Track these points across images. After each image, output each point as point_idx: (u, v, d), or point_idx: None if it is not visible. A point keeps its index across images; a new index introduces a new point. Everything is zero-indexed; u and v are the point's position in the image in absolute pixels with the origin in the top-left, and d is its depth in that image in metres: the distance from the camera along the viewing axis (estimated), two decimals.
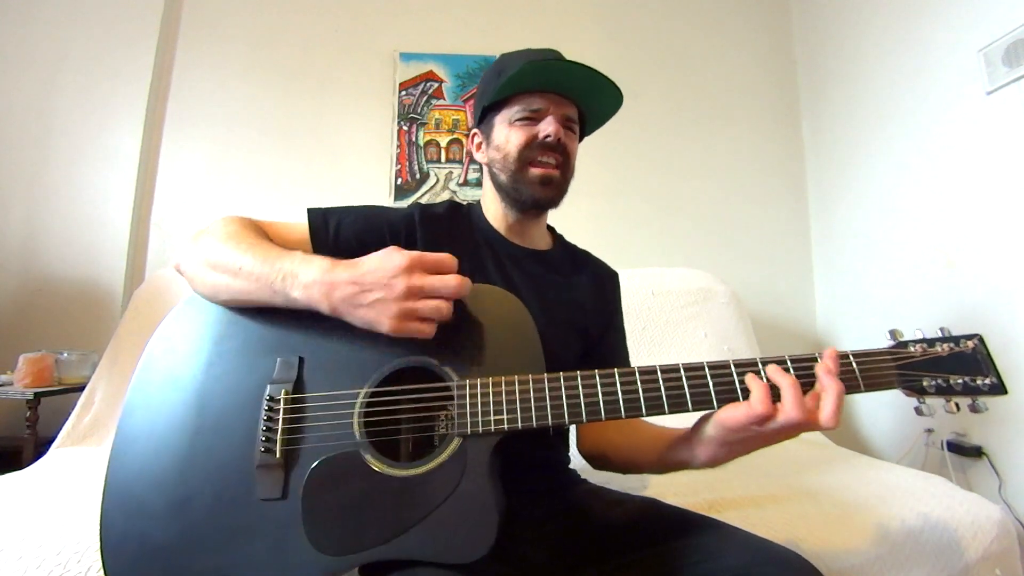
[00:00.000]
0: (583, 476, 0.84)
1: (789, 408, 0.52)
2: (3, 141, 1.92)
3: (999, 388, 0.55)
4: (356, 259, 0.59)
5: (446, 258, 0.59)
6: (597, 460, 0.80)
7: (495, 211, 0.84)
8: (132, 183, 1.94)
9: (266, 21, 2.11)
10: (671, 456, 0.67)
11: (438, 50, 2.14)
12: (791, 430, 0.54)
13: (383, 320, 0.56)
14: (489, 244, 0.82)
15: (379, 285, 0.56)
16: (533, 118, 0.77)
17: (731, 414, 0.55)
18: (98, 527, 0.57)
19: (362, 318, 0.58)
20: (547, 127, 0.75)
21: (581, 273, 0.87)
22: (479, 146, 0.85)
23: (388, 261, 0.57)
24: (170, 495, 0.57)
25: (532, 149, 0.76)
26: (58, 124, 1.94)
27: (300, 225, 0.76)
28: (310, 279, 0.59)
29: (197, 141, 2.03)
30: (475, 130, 0.86)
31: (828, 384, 0.53)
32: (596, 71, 0.74)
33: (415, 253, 0.58)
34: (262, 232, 0.71)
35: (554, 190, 0.78)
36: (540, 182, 0.77)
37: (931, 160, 1.62)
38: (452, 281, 0.57)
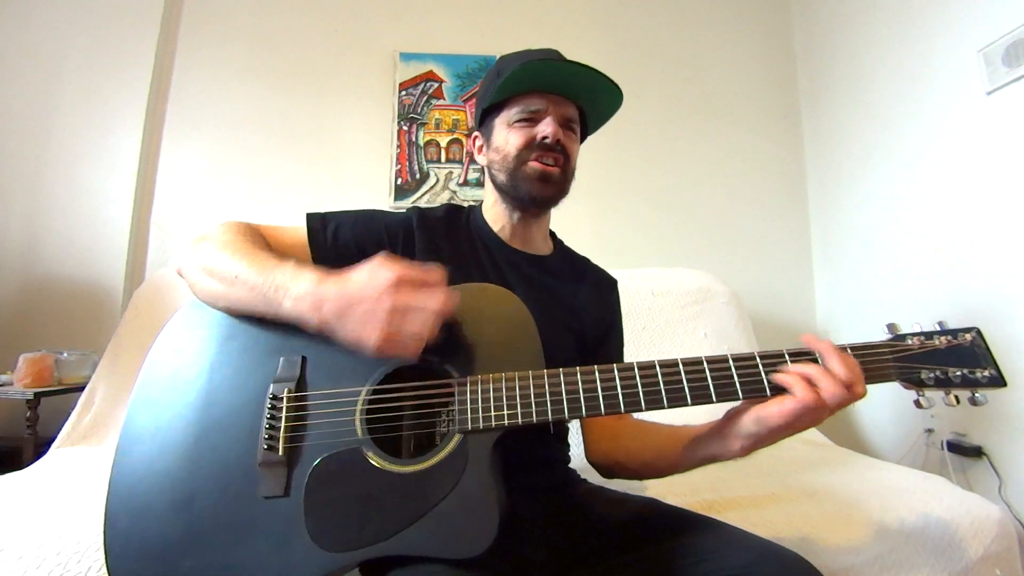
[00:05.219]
0: (582, 476, 0.83)
1: (830, 388, 0.54)
2: (3, 141, 1.91)
3: (998, 380, 0.55)
4: (345, 274, 0.58)
5: (433, 272, 0.58)
6: (609, 469, 0.79)
7: (495, 214, 0.84)
8: (132, 183, 1.94)
9: (266, 21, 2.11)
10: (699, 452, 0.66)
11: (438, 50, 2.14)
12: (832, 411, 0.56)
13: (369, 338, 0.55)
14: (487, 248, 0.82)
15: (367, 300, 0.55)
16: (532, 119, 0.77)
17: (778, 409, 0.56)
18: (102, 526, 0.57)
19: (348, 334, 0.56)
20: (545, 128, 0.75)
21: (580, 280, 0.87)
22: (480, 148, 0.85)
23: (375, 278, 0.56)
24: (173, 493, 0.57)
25: (531, 150, 0.76)
26: (58, 124, 1.94)
27: (299, 230, 0.76)
28: (300, 291, 0.58)
29: (197, 141, 2.03)
30: (476, 132, 0.87)
31: (836, 368, 0.56)
32: (594, 70, 0.73)
33: (402, 269, 0.57)
34: (261, 239, 0.71)
35: (554, 188, 0.78)
36: (539, 178, 0.76)
37: (931, 160, 1.62)
38: (437, 298, 0.56)
